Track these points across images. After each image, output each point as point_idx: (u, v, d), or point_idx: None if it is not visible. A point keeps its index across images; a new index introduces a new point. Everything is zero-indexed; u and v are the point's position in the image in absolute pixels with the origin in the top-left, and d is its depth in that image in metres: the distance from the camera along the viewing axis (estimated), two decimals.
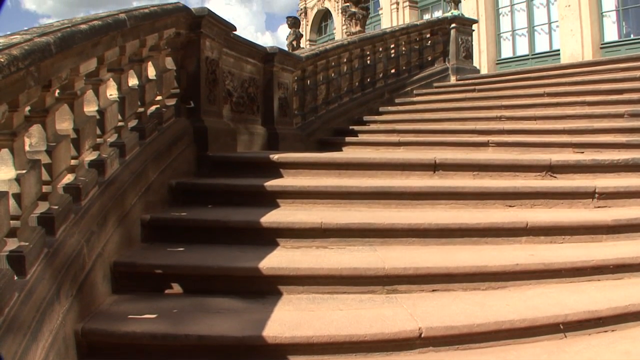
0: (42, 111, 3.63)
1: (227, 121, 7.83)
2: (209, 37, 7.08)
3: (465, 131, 9.85)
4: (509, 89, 12.38)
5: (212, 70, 7.27)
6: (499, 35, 22.72)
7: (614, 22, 18.78)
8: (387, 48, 13.68)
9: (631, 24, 18.66)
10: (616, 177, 6.33)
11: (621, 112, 8.86)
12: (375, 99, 13.04)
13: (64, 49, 3.58)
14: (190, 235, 5.16)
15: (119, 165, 4.84)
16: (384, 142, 10.25)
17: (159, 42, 5.93)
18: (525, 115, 10.11)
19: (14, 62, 2.94)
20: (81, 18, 4.10)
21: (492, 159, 6.87)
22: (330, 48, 11.95)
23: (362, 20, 19.43)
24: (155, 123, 5.83)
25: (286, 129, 9.69)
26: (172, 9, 6.08)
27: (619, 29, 18.72)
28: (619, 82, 10.49)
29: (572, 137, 8.34)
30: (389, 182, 6.15)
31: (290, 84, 10.01)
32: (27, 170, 3.31)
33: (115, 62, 4.93)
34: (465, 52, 15.22)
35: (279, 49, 9.52)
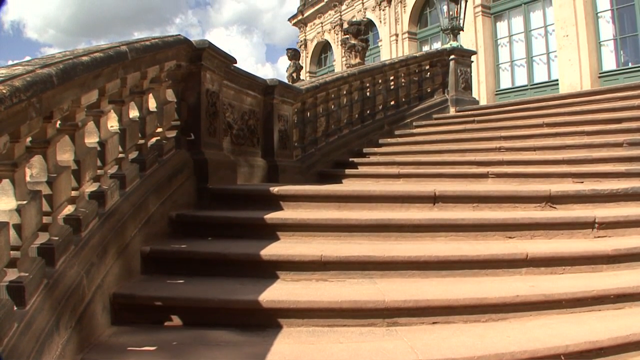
0: (43, 142, 3.65)
1: (227, 153, 7.84)
2: (210, 69, 7.12)
3: (464, 162, 9.86)
4: (508, 120, 12.42)
5: (213, 102, 7.29)
6: (497, 66, 22.88)
7: (611, 51, 18.92)
8: (387, 80, 13.76)
9: (629, 53, 18.78)
10: (616, 206, 6.32)
11: (620, 141, 8.88)
12: (374, 130, 13.08)
13: (65, 81, 3.60)
14: (190, 268, 5.15)
15: (119, 197, 4.85)
16: (383, 174, 10.25)
17: (160, 74, 5.96)
18: (525, 145, 10.12)
19: (16, 93, 2.96)
20: (83, 50, 4.13)
21: (491, 190, 6.87)
22: (330, 80, 12.01)
23: (361, 52, 19.57)
24: (155, 155, 5.84)
25: (286, 161, 9.71)
26: (173, 41, 6.11)
27: (616, 57, 18.84)
28: (618, 111, 10.55)
29: (572, 167, 8.37)
30: (389, 215, 6.14)
31: (290, 116, 10.04)
32: (28, 201, 3.32)
33: (117, 94, 4.95)
34: (464, 84, 15.30)
35: (279, 81, 9.56)
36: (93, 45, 4.47)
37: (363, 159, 11.75)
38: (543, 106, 12.74)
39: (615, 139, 9.04)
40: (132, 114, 5.50)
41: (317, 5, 35.26)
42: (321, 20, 35.19)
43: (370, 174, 10.38)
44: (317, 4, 35.12)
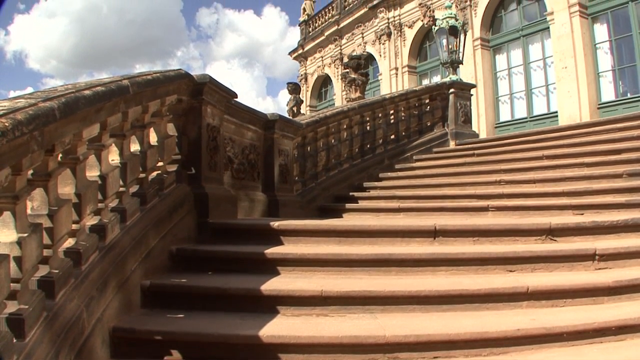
0: (44, 175, 3.66)
1: (227, 188, 7.85)
2: (211, 104, 7.15)
3: (465, 196, 9.87)
4: (507, 153, 12.46)
5: (213, 137, 7.31)
6: (497, 99, 22.99)
7: (610, 82, 19.01)
8: (387, 114, 13.84)
9: (627, 83, 18.87)
10: (616, 238, 6.31)
11: (620, 172, 8.89)
12: (375, 165, 13.12)
13: (68, 115, 3.62)
14: (190, 302, 5.13)
15: (120, 231, 4.85)
16: (384, 208, 10.26)
17: (161, 109, 5.99)
18: (525, 178, 10.13)
19: (18, 126, 2.97)
20: (85, 83, 4.16)
21: (491, 224, 6.86)
22: (330, 115, 12.06)
23: (361, 86, 19.70)
24: (156, 189, 5.85)
25: (286, 195, 9.72)
26: (174, 75, 6.14)
27: (615, 88, 18.93)
28: (617, 142, 10.55)
29: (572, 199, 8.37)
30: (389, 249, 6.12)
31: (290, 151, 10.07)
32: (29, 233, 3.33)
33: (118, 128, 4.97)
34: (464, 117, 15.39)
35: (280, 116, 9.60)
36: (95, 79, 4.50)
37: (363, 193, 11.77)
38: (542, 138, 12.79)
39: (615, 170, 9.05)
40: (133, 148, 5.52)
41: (317, 39, 35.52)
42: (321, 54, 35.41)
43: (371, 208, 10.39)
44: (318, 38, 35.38)
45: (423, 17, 26.28)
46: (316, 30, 35.90)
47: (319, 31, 35.23)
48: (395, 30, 28.28)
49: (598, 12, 19.38)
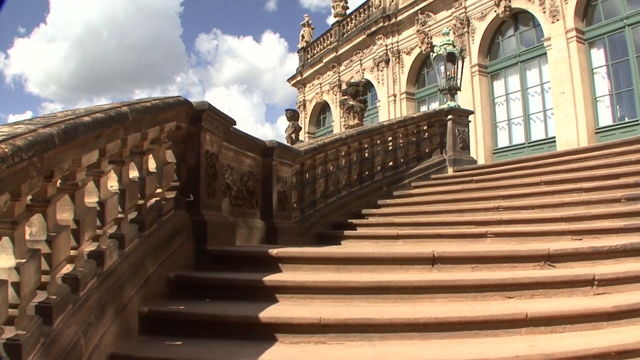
0: (43, 201, 3.67)
1: (226, 215, 7.85)
2: (209, 131, 7.17)
3: (463, 223, 9.87)
4: (506, 179, 12.48)
5: (212, 164, 7.33)
6: (495, 125, 23.07)
7: (607, 107, 19.09)
8: (385, 141, 13.86)
9: (625, 107, 18.94)
10: (615, 263, 6.29)
11: (618, 196, 8.90)
12: (373, 192, 13.12)
13: (67, 141, 3.63)
14: (188, 329, 5.11)
15: (118, 257, 4.85)
16: (382, 235, 10.24)
17: (160, 135, 6.01)
18: (523, 204, 10.14)
19: (18, 152, 2.99)
20: (84, 109, 4.18)
21: (490, 250, 6.86)
22: (329, 142, 12.08)
23: (360, 113, 19.78)
24: (154, 215, 5.86)
25: (285, 222, 9.71)
26: (173, 102, 6.16)
27: (613, 112, 19.00)
28: (615, 166, 10.58)
29: (570, 224, 8.36)
30: (388, 277, 6.10)
31: (289, 178, 10.08)
32: (27, 259, 3.33)
33: (117, 154, 4.99)
34: (462, 143, 15.43)
35: (278, 143, 9.63)
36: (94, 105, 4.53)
37: (362, 220, 11.77)
38: (540, 164, 12.83)
39: (613, 195, 9.06)
40: (132, 175, 5.53)
41: (315, 66, 35.67)
42: (320, 81, 35.54)
43: (369, 235, 10.37)
44: (316, 65, 35.54)
45: (421, 44, 26.44)
46: (315, 57, 36.07)
47: (318, 58, 35.39)
48: (394, 57, 28.42)
49: (595, 37, 19.53)
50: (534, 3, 20.91)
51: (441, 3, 25.30)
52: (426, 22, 26.24)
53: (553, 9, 19.95)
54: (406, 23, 27.83)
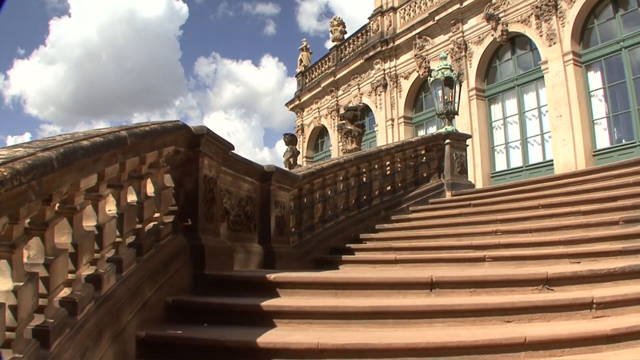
0: (41, 224, 3.68)
1: (224, 239, 7.84)
2: (208, 155, 7.18)
3: (461, 247, 9.85)
4: (504, 203, 12.48)
5: (210, 188, 7.33)
6: (492, 149, 23.09)
7: (605, 129, 19.12)
8: (383, 165, 13.88)
9: (622, 130, 18.97)
10: (613, 285, 6.29)
11: (616, 219, 8.89)
12: (371, 216, 13.11)
13: (66, 165, 3.65)
14: (185, 354, 5.09)
15: (116, 281, 4.84)
16: (380, 259, 10.21)
17: (159, 160, 6.02)
18: (521, 228, 10.12)
19: (17, 176, 3.00)
20: (83, 133, 4.19)
21: (488, 274, 6.85)
22: (327, 167, 12.09)
23: (357, 138, 19.82)
24: (152, 240, 5.86)
25: (283, 247, 9.69)
26: (172, 127, 6.18)
27: (610, 135, 19.02)
28: (613, 189, 10.61)
29: (568, 247, 8.34)
30: (386, 302, 6.09)
31: (287, 203, 10.08)
32: (25, 282, 3.33)
33: (115, 178, 5.00)
34: (459, 167, 15.45)
35: (276, 167, 9.63)
36: (93, 129, 4.54)
37: (360, 244, 11.74)
38: (538, 187, 12.85)
39: (611, 218, 9.05)
40: (130, 199, 5.54)
41: (313, 91, 35.76)
42: (318, 106, 35.62)
43: (367, 260, 10.33)
44: (314, 89, 35.63)
45: (419, 68, 26.55)
46: (313, 81, 36.19)
47: (316, 82, 35.50)
48: (391, 82, 28.53)
49: (592, 60, 19.63)
50: (531, 27, 21.04)
51: (439, 27, 25.44)
52: (424, 47, 26.37)
53: (550, 32, 20.07)
54: (404, 47, 27.98)
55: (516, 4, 21.72)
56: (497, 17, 22.28)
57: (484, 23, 23.09)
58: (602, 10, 19.42)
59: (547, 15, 20.24)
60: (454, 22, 24.54)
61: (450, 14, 24.55)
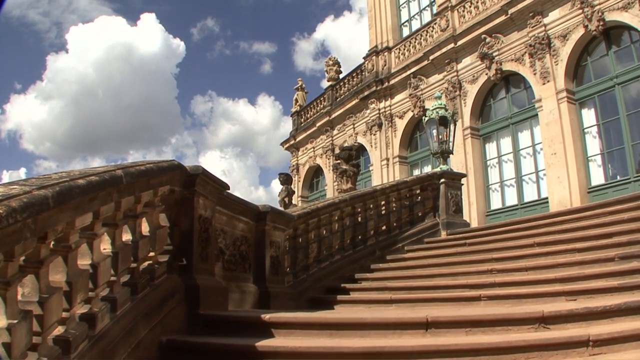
0: (36, 262, 3.68)
1: (218, 279, 7.82)
2: (203, 195, 7.19)
3: (457, 286, 9.82)
4: (499, 242, 12.45)
5: (205, 228, 7.32)
6: (487, 187, 23.10)
7: (599, 166, 19.12)
8: (378, 205, 13.91)
9: (616, 166, 18.99)
10: (610, 322, 6.26)
11: (611, 256, 8.87)
12: (366, 256, 13.10)
13: (61, 203, 3.66)
14: None
15: (110, 320, 4.82)
16: (375, 299, 10.19)
17: (154, 199, 6.04)
18: (517, 266, 10.09)
19: (12, 214, 3.01)
20: (79, 172, 4.21)
21: (484, 314, 6.83)
22: (322, 206, 12.10)
23: (353, 177, 19.86)
24: (147, 279, 5.85)
25: (278, 287, 9.67)
26: (167, 166, 6.20)
27: (604, 171, 19.02)
28: (608, 226, 10.62)
29: (564, 285, 8.32)
30: (381, 342, 6.06)
31: (282, 242, 10.08)
32: (19, 320, 3.32)
33: (110, 217, 5.01)
34: (455, 207, 15.48)
35: (271, 207, 9.64)
36: (89, 168, 4.56)
37: (355, 284, 11.71)
38: (534, 226, 12.87)
39: (607, 254, 9.04)
40: (125, 238, 5.54)
41: (309, 130, 35.84)
42: (313, 145, 35.68)
43: (362, 300, 10.31)
44: (309, 129, 35.71)
45: (413, 108, 26.69)
46: (308, 121, 36.30)
47: (311, 122, 35.61)
48: (386, 121, 28.65)
49: (585, 97, 19.74)
50: (525, 65, 21.22)
51: (433, 67, 25.63)
52: (418, 86, 26.55)
53: (543, 70, 20.23)
54: (398, 87, 28.16)
55: (510, 43, 21.94)
56: (491, 56, 22.46)
57: (478, 62, 23.27)
58: (595, 47, 19.60)
59: (540, 53, 20.43)
60: (449, 62, 24.73)
61: (445, 53, 24.76)
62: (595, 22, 18.58)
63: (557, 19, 20.20)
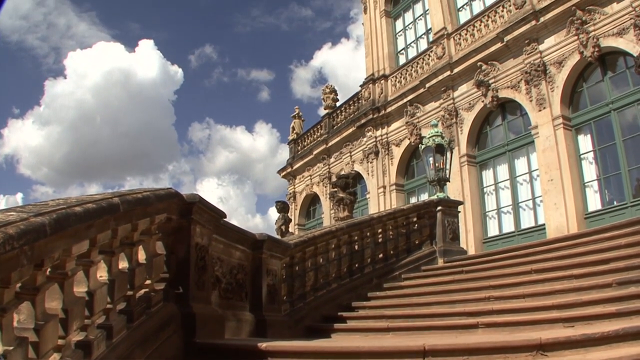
0: (32, 289, 3.68)
1: (215, 307, 7.80)
2: (200, 223, 7.20)
3: (454, 314, 9.79)
4: (496, 269, 12.44)
5: (202, 256, 7.32)
6: (484, 214, 23.05)
7: (596, 192, 19.09)
8: (375, 233, 13.91)
9: (613, 191, 18.95)
10: (608, 349, 6.24)
11: (609, 281, 8.86)
12: (363, 284, 13.06)
13: (58, 231, 3.67)
14: None
15: (106, 348, 4.80)
16: (372, 328, 10.14)
17: (151, 227, 6.05)
18: (514, 293, 10.06)
19: (9, 241, 3.02)
20: (76, 199, 4.22)
21: (481, 342, 6.80)
22: (319, 235, 12.10)
23: (349, 205, 19.89)
24: (143, 307, 5.84)
25: (274, 315, 9.63)
26: (164, 194, 6.22)
27: (601, 197, 18.98)
28: (605, 251, 10.61)
29: (562, 312, 8.30)
30: None
31: (278, 271, 10.06)
32: (14, 347, 3.32)
33: (107, 245, 5.01)
34: (452, 234, 15.49)
35: (268, 236, 9.63)
36: (86, 195, 4.57)
37: (352, 313, 11.66)
38: (531, 252, 12.84)
39: (604, 280, 9.02)
40: (122, 265, 5.54)
41: (305, 158, 35.86)
42: (310, 173, 35.67)
43: (359, 328, 10.28)
44: (306, 157, 35.74)
45: (410, 135, 26.72)
46: (305, 149, 36.35)
47: (308, 150, 35.64)
48: (383, 149, 28.69)
49: (581, 123, 19.76)
50: (521, 92, 21.29)
51: (429, 95, 25.73)
52: (415, 114, 26.62)
53: (539, 97, 20.31)
54: (395, 115, 28.24)
55: (506, 70, 22.04)
56: (487, 84, 22.54)
57: (475, 89, 23.35)
58: (590, 73, 19.67)
59: (536, 80, 20.52)
60: (445, 89, 24.83)
61: (441, 81, 24.86)
62: (591, 48, 18.70)
63: (553, 45, 20.32)
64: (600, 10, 18.59)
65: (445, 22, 25.70)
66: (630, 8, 17.39)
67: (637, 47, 16.97)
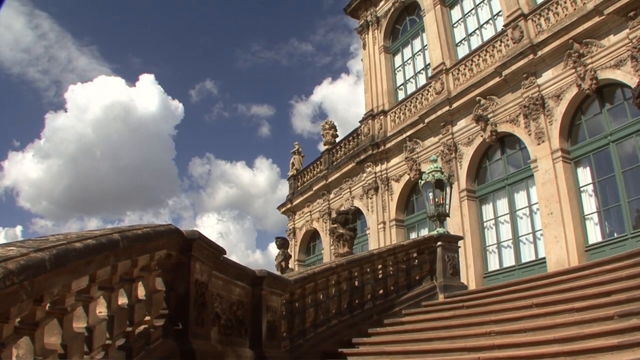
0: (32, 324, 3.68)
1: (214, 344, 7.77)
2: (199, 260, 7.20)
3: (455, 349, 9.76)
4: (497, 303, 12.38)
5: (202, 293, 7.31)
6: (484, 249, 22.92)
7: (596, 224, 18.97)
8: (375, 269, 13.90)
9: (613, 223, 18.82)
10: None
11: (611, 314, 8.81)
12: (363, 320, 13.02)
13: (58, 266, 3.68)
14: None
15: None
16: None
17: (150, 263, 6.05)
18: (515, 328, 10.03)
19: (9, 276, 3.03)
20: (76, 235, 4.24)
21: None
22: (319, 271, 12.09)
23: (349, 241, 19.86)
24: (142, 343, 5.83)
25: (274, 352, 9.59)
26: (164, 231, 6.24)
27: (602, 229, 18.83)
28: (606, 284, 10.58)
29: (563, 345, 8.27)
30: None
31: (278, 307, 10.04)
32: None
33: (107, 281, 5.02)
34: (452, 269, 15.47)
35: (268, 272, 9.63)
36: (86, 231, 4.59)
37: (352, 349, 11.62)
38: (531, 286, 12.79)
39: (606, 313, 8.98)
40: (121, 301, 5.54)
41: (305, 194, 35.81)
42: (310, 209, 35.61)
43: None
44: (306, 193, 35.69)
45: (409, 171, 26.73)
46: (305, 185, 36.32)
47: (308, 186, 35.60)
48: (383, 185, 28.69)
49: (580, 156, 19.75)
50: (520, 126, 21.32)
51: (429, 130, 25.78)
52: (414, 149, 26.66)
53: (538, 131, 20.34)
54: (394, 150, 28.28)
55: (504, 104, 22.09)
56: (486, 118, 22.59)
57: (474, 124, 23.39)
58: (588, 105, 19.69)
59: (535, 114, 20.56)
60: (444, 124, 24.89)
61: (440, 116, 24.93)
62: (589, 80, 18.76)
63: (551, 79, 20.40)
64: (597, 42, 18.69)
65: (443, 57, 25.85)
66: (627, 40, 17.48)
67: (634, 79, 17.00)
